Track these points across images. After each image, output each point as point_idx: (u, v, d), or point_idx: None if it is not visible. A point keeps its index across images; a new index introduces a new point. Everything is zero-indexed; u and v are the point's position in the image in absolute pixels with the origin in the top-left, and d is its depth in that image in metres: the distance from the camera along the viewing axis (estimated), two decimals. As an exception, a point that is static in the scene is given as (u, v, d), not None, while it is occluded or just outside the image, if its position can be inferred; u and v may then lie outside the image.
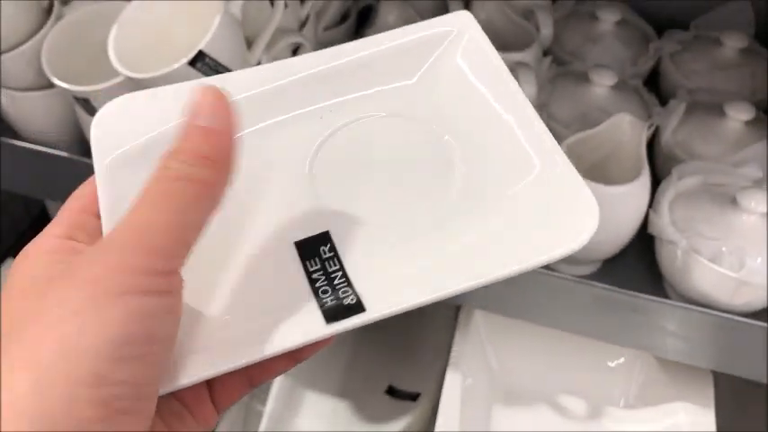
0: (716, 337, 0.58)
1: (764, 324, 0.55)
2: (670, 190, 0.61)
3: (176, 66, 0.51)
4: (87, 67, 0.62)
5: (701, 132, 0.67)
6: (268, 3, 0.61)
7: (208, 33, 0.51)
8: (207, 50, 0.51)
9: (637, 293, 0.57)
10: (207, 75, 0.52)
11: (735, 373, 0.60)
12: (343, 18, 0.79)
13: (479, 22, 0.75)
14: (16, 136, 0.70)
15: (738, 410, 0.74)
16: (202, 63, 0.51)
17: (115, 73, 0.54)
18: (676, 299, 0.61)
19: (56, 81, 0.60)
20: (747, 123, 0.66)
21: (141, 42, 0.56)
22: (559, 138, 0.65)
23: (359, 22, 0.81)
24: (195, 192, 0.25)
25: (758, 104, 0.70)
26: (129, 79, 0.53)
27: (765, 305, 0.58)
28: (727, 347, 0.59)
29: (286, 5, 0.61)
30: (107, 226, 0.30)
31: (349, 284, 0.31)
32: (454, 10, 0.76)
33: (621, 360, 0.77)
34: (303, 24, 0.68)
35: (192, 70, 0.51)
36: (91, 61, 0.62)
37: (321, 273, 0.32)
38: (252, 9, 0.59)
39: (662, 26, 0.81)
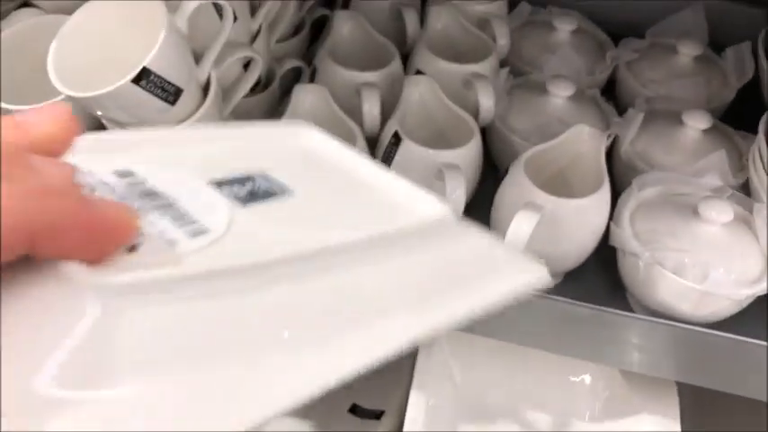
0: (680, 349, 0.58)
1: (726, 335, 0.55)
2: (631, 201, 0.60)
3: (120, 83, 0.48)
4: (28, 84, 0.60)
5: (660, 142, 0.67)
6: (216, 15, 0.59)
7: (152, 49, 0.49)
8: (151, 67, 0.49)
9: (600, 307, 0.56)
10: (153, 92, 0.50)
11: (699, 383, 0.60)
12: (297, 30, 0.77)
13: (436, 32, 0.75)
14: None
15: (703, 420, 0.74)
16: (147, 80, 0.49)
17: (57, 91, 0.51)
18: (639, 311, 0.60)
19: (-7, 100, 0.57)
20: (705, 132, 0.66)
21: (84, 58, 0.53)
22: (518, 150, 0.65)
23: (313, 33, 0.80)
24: None
25: (714, 112, 0.70)
26: (70, 98, 0.50)
27: (727, 315, 0.58)
28: (690, 358, 0.59)
29: (235, 18, 0.59)
30: None
31: None
32: (409, 19, 0.76)
33: (586, 373, 0.76)
34: (254, 37, 0.66)
35: (137, 88, 0.49)
36: (32, 78, 0.59)
37: None
38: (200, 21, 0.57)
39: (617, 34, 0.81)
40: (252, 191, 0.29)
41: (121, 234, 0.24)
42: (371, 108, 0.65)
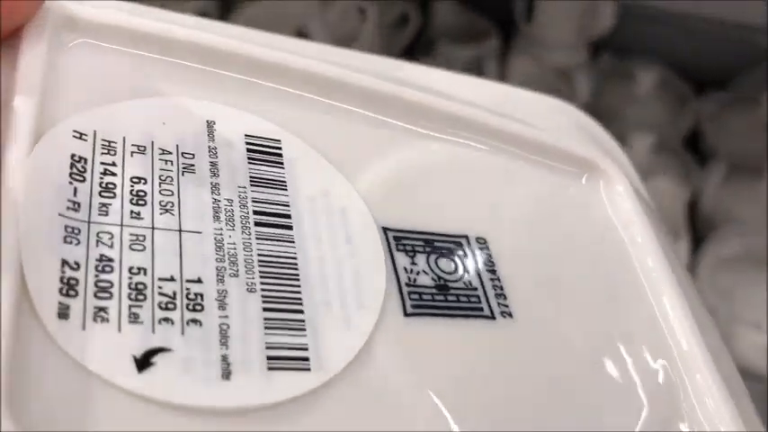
0: (758, 405, 0.57)
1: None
2: (711, 254, 0.61)
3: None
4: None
5: (742, 196, 0.67)
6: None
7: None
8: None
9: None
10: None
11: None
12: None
13: (516, 82, 0.77)
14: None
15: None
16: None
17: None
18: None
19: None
20: (789, 186, 0.66)
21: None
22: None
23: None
24: None
25: (799, 166, 0.70)
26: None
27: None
28: (770, 415, 0.58)
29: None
30: None
31: None
32: (488, 69, 0.78)
33: None
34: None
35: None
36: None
37: None
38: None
39: (700, 85, 0.81)
40: (448, 284, 0.14)
41: None
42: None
